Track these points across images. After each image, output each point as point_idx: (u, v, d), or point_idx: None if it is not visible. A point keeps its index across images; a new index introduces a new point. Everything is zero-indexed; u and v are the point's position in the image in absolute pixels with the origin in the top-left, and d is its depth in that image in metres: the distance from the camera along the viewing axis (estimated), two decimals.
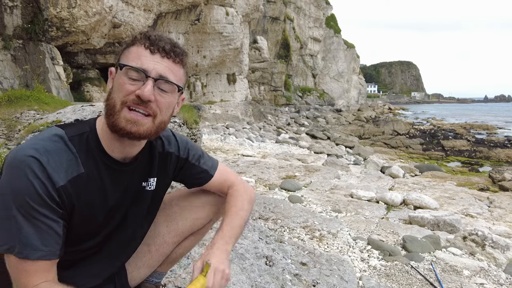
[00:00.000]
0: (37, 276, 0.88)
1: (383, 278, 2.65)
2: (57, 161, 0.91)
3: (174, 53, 0.95)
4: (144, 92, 0.90)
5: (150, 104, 0.92)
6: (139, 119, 0.92)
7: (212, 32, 19.10)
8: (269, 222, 3.49)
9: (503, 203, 5.90)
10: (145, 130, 0.94)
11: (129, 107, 0.91)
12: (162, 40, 0.95)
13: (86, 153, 0.96)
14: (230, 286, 1.93)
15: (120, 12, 12.69)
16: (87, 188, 0.96)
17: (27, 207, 0.86)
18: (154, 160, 1.12)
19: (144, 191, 1.11)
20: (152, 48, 0.93)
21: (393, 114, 46.20)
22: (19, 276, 0.89)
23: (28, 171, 0.86)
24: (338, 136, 19.12)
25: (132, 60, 0.92)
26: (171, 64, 0.95)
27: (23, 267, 0.87)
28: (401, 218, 4.36)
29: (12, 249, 0.86)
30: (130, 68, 0.91)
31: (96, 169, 0.98)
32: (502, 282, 2.74)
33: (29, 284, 0.88)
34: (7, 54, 9.44)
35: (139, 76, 0.91)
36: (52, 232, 0.89)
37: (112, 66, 1.01)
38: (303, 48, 41.71)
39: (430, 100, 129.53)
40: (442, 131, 24.97)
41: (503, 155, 14.83)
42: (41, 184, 0.87)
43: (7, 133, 4.44)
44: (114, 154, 1.00)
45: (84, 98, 12.67)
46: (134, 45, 0.95)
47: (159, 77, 0.92)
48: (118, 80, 0.94)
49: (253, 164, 7.19)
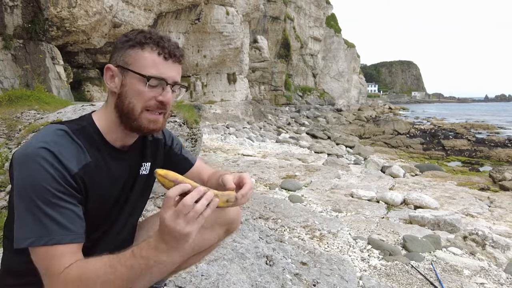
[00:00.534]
0: (68, 258, 0.90)
1: (384, 277, 2.65)
2: (68, 151, 0.96)
3: (182, 57, 1.06)
4: (168, 98, 1.03)
5: (167, 107, 1.05)
6: (158, 118, 1.05)
7: (213, 32, 19.10)
8: (269, 222, 3.49)
9: (504, 203, 5.89)
10: (162, 125, 1.07)
11: (148, 111, 1.03)
12: (170, 44, 1.03)
13: (90, 144, 1.03)
14: (231, 286, 1.93)
15: (121, 11, 12.69)
16: (95, 176, 1.02)
17: (49, 195, 0.90)
18: (146, 146, 1.22)
19: (140, 175, 1.19)
20: (166, 56, 1.02)
21: (393, 113, 46.19)
22: (50, 263, 0.89)
23: (43, 161, 0.90)
24: (338, 135, 19.12)
25: (150, 68, 1.00)
26: (179, 68, 1.07)
27: (53, 253, 0.89)
28: (402, 218, 4.36)
29: (38, 240, 0.88)
30: (154, 79, 1.00)
31: (101, 158, 1.05)
32: (503, 282, 2.74)
33: (61, 266, 0.89)
34: (8, 54, 9.45)
35: (158, 83, 1.01)
36: (74, 215, 0.93)
37: None
38: (303, 47, 41.70)
39: (431, 100, 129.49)
40: (443, 130, 24.96)
41: (503, 154, 14.81)
42: (57, 171, 0.91)
43: (7, 133, 4.44)
44: (116, 144, 1.10)
45: (85, 98, 12.68)
46: (144, 49, 1.01)
47: (174, 83, 1.04)
48: (134, 86, 1.01)
49: (253, 163, 7.19)
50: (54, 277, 0.89)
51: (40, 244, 0.88)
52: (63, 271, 0.88)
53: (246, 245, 2.45)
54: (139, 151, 1.20)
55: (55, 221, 0.89)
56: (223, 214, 1.27)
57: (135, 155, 1.17)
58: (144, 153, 1.21)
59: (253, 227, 2.89)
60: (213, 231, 1.28)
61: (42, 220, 0.89)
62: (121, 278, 0.88)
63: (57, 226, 0.89)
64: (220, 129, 15.87)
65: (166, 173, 0.91)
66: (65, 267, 0.89)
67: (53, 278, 0.89)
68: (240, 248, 2.39)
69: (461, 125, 28.57)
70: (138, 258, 0.88)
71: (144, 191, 1.24)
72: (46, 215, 0.89)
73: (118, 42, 1.05)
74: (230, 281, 1.97)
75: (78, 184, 0.96)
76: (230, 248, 2.36)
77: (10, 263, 1.06)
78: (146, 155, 1.21)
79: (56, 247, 0.89)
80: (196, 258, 1.34)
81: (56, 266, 0.89)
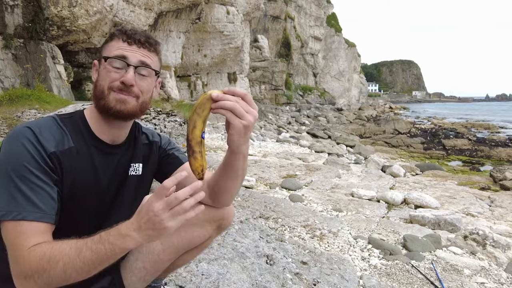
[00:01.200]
0: (35, 237, 0.90)
1: (384, 277, 2.65)
2: (49, 134, 1.01)
3: (149, 43, 1.09)
4: (127, 78, 1.04)
5: (132, 89, 1.06)
6: (126, 98, 1.06)
7: (213, 31, 19.10)
8: (269, 221, 3.49)
9: (504, 202, 5.89)
10: (131, 108, 1.07)
11: (114, 92, 1.06)
12: (137, 33, 1.09)
13: (76, 133, 1.08)
14: (231, 285, 1.93)
15: (121, 11, 12.68)
16: (78, 163, 1.04)
17: (23, 170, 0.92)
18: (139, 148, 1.24)
19: (130, 176, 1.20)
20: (130, 40, 1.07)
21: (394, 113, 46.14)
22: (16, 239, 0.89)
23: (22, 138, 0.96)
24: (339, 135, 19.11)
25: (114, 52, 1.06)
26: (147, 52, 1.09)
27: (20, 229, 0.89)
28: (402, 217, 4.36)
29: (8, 214, 0.89)
30: (113, 58, 1.05)
31: (86, 147, 1.08)
32: (503, 282, 2.73)
33: (26, 244, 0.89)
34: (8, 53, 9.45)
35: (121, 65, 1.06)
36: (47, 195, 0.94)
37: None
38: (304, 47, 41.67)
39: (431, 99, 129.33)
40: (443, 130, 24.93)
41: (504, 154, 14.79)
42: (34, 148, 0.95)
43: (8, 132, 4.44)
44: (103, 137, 1.12)
45: (85, 97, 12.68)
46: (113, 40, 1.09)
47: (138, 64, 1.07)
48: (103, 70, 1.07)
49: (253, 163, 7.19)
50: (19, 253, 0.89)
51: (8, 218, 0.89)
52: (29, 249, 0.88)
53: (246, 245, 2.45)
54: (130, 151, 1.21)
55: (26, 197, 0.91)
56: (212, 210, 1.25)
57: (124, 154, 1.18)
58: (135, 153, 1.22)
59: (254, 227, 2.89)
60: (203, 228, 1.26)
61: (14, 195, 0.91)
62: (84, 261, 0.87)
63: (27, 202, 0.91)
64: (220, 128, 15.87)
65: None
66: (32, 245, 0.89)
67: (17, 254, 0.89)
68: (241, 247, 2.39)
69: (461, 125, 28.53)
70: (105, 243, 0.87)
71: (139, 192, 1.23)
72: (19, 191, 0.91)
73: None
74: (231, 280, 1.97)
75: (54, 164, 0.98)
76: (230, 248, 2.36)
77: None
78: (136, 156, 1.22)
79: (23, 223, 0.89)
80: (189, 255, 1.33)
81: (22, 242, 0.89)
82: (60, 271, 0.87)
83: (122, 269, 1.21)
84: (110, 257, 0.88)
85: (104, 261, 0.89)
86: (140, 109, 1.10)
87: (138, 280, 1.24)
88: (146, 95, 1.10)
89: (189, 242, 1.27)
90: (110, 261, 0.90)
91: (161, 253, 1.24)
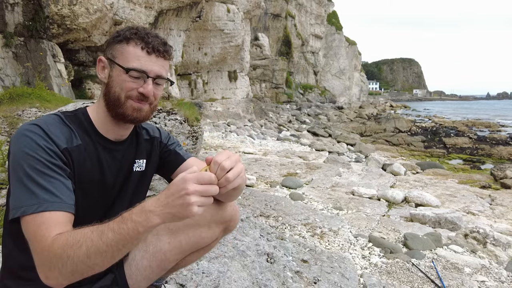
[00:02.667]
0: (57, 227, 0.89)
1: (384, 275, 2.65)
2: (57, 130, 1.02)
3: (166, 52, 1.10)
4: (148, 91, 1.07)
5: (149, 98, 1.09)
6: (142, 106, 1.10)
7: (213, 29, 19.05)
8: (270, 220, 3.49)
9: (505, 201, 5.89)
10: (145, 114, 1.11)
11: (132, 100, 1.08)
12: (155, 40, 1.09)
13: (81, 130, 1.09)
14: (231, 283, 1.94)
15: (121, 9, 12.66)
16: (85, 160, 1.06)
17: (39, 164, 0.93)
18: (141, 144, 1.25)
19: (135, 171, 1.22)
20: (149, 50, 1.07)
21: (394, 111, 46.05)
22: (37, 231, 0.88)
23: (33, 135, 0.96)
24: (339, 133, 19.09)
25: (132, 61, 1.06)
26: (163, 62, 1.11)
27: (41, 220, 0.89)
28: (402, 216, 4.36)
29: (28, 209, 0.89)
30: (133, 71, 1.06)
31: (92, 145, 1.09)
32: (504, 280, 2.73)
33: (48, 235, 0.88)
34: (9, 52, 9.44)
35: (139, 75, 1.07)
36: (64, 187, 0.96)
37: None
38: (304, 45, 41.57)
39: (432, 98, 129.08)
40: (444, 128, 24.91)
41: (505, 152, 14.78)
42: (46, 143, 0.96)
43: (9, 131, 4.45)
44: (108, 135, 1.14)
45: (86, 96, 12.67)
46: (129, 44, 1.07)
47: (156, 77, 1.08)
48: (118, 77, 1.08)
49: (254, 161, 7.19)
50: (41, 244, 0.87)
51: (29, 212, 0.89)
52: (52, 238, 0.87)
53: (247, 243, 2.45)
54: (134, 147, 1.23)
55: (45, 189, 0.92)
56: (220, 212, 1.27)
57: (128, 150, 1.20)
58: (139, 150, 1.24)
59: (254, 225, 2.89)
60: (210, 229, 1.28)
61: (33, 190, 0.91)
62: (107, 243, 0.86)
63: (47, 194, 0.91)
64: (221, 126, 15.86)
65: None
66: (54, 235, 0.88)
67: (40, 246, 0.87)
68: (241, 245, 2.39)
69: (462, 123, 28.50)
70: (127, 222, 0.86)
71: (140, 187, 1.26)
72: (37, 185, 0.91)
73: (110, 38, 1.12)
74: (231, 279, 1.97)
75: (67, 159, 1.00)
76: (231, 246, 2.36)
77: (12, 256, 1.06)
78: (140, 152, 1.24)
79: (43, 214, 0.89)
80: (194, 256, 1.34)
81: (44, 232, 0.88)
82: (83, 256, 0.85)
83: (127, 267, 1.21)
84: (133, 237, 0.86)
85: (128, 242, 0.87)
86: (152, 112, 1.15)
87: (143, 278, 1.24)
88: (158, 100, 1.15)
89: (196, 243, 1.28)
90: (134, 242, 0.88)
91: (168, 253, 1.24)
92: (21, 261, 1.03)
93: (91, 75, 14.02)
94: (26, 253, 0.96)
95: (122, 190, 1.19)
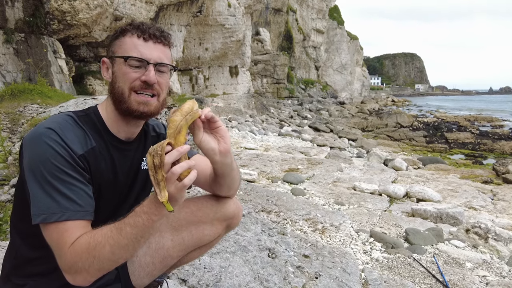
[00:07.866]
0: (77, 233, 0.94)
1: (386, 270, 2.66)
2: (72, 134, 1.02)
3: (164, 37, 1.10)
4: (150, 77, 1.05)
5: (154, 86, 1.08)
6: (148, 100, 1.08)
7: (214, 24, 18.96)
8: (271, 215, 3.50)
9: (507, 196, 5.87)
10: (154, 109, 1.10)
11: (136, 92, 1.07)
12: (151, 27, 1.08)
13: (95, 131, 1.09)
14: (233, 278, 1.95)
15: (122, 4, 12.60)
16: (100, 162, 1.07)
17: (58, 171, 0.94)
18: (148, 141, 1.25)
19: (142, 170, 1.23)
20: (145, 36, 1.06)
21: (396, 106, 45.88)
22: (60, 238, 0.93)
23: (50, 141, 0.96)
24: (341, 128, 19.05)
25: (130, 51, 1.06)
26: (163, 48, 1.10)
27: (63, 227, 0.93)
28: (404, 211, 4.36)
29: (50, 217, 0.92)
30: (132, 59, 1.05)
31: (104, 145, 1.10)
32: (505, 275, 2.74)
33: (70, 241, 0.92)
34: (10, 48, 9.43)
35: (140, 64, 1.06)
36: (84, 194, 0.98)
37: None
38: (306, 40, 41.35)
39: (434, 92, 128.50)
40: (446, 123, 24.82)
41: (507, 147, 14.72)
42: (63, 150, 0.97)
43: (10, 127, 4.46)
44: (120, 134, 1.14)
45: (87, 92, 12.66)
46: (125, 36, 1.08)
47: (158, 62, 1.07)
48: (120, 70, 1.07)
49: (255, 157, 7.19)
50: (64, 249, 0.92)
51: (51, 220, 0.92)
52: (72, 243, 0.92)
53: (248, 238, 2.46)
54: (142, 145, 1.23)
55: (66, 196, 0.94)
56: (223, 210, 1.28)
57: (137, 149, 1.22)
58: (146, 148, 1.23)
59: (256, 220, 2.90)
60: (213, 226, 1.29)
61: (54, 197, 0.93)
62: (127, 237, 0.92)
63: (69, 202, 0.94)
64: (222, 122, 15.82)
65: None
66: (75, 239, 0.93)
67: (64, 252, 0.92)
68: (243, 241, 2.40)
69: (464, 118, 28.39)
70: (141, 214, 0.93)
71: (146, 185, 1.26)
72: (58, 192, 0.93)
73: (110, 37, 1.13)
74: (233, 274, 1.98)
75: (84, 165, 1.02)
76: (232, 241, 2.37)
77: (19, 252, 1.07)
78: (147, 149, 1.23)
79: (66, 222, 0.93)
80: (197, 252, 1.35)
81: (66, 239, 0.92)
82: (108, 254, 0.92)
83: (129, 263, 1.22)
84: (149, 226, 0.93)
85: (145, 233, 0.94)
86: (162, 106, 1.13)
87: (145, 275, 1.25)
88: (165, 91, 1.13)
89: (199, 240, 1.29)
90: (150, 231, 0.95)
91: (171, 249, 1.25)
92: (30, 257, 1.05)
93: (92, 71, 14.00)
94: (34, 249, 1.00)
95: (131, 188, 1.21)
